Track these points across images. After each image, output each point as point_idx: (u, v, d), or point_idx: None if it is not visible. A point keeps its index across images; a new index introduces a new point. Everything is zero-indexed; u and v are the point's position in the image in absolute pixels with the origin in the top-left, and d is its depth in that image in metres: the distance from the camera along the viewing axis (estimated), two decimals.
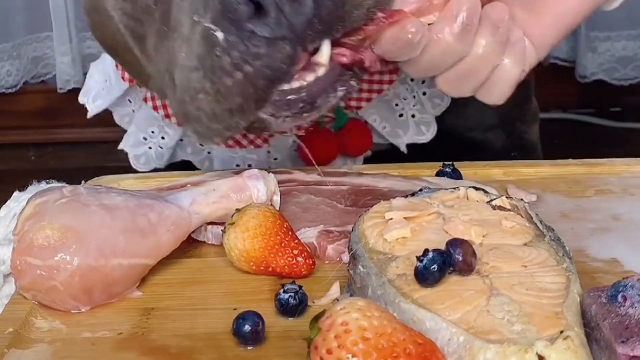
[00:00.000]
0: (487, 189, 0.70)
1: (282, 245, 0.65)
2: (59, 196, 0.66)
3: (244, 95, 0.65)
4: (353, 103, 0.91)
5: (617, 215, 0.74)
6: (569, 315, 0.51)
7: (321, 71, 0.66)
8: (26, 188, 0.78)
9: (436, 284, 0.54)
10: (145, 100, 0.92)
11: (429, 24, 0.66)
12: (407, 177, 0.81)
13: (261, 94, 0.65)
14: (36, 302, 0.64)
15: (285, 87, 0.66)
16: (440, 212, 0.63)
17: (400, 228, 0.60)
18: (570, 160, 0.86)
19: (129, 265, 0.64)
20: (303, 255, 0.66)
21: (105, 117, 1.00)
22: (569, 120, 2.16)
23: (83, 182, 0.82)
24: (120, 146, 0.97)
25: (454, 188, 0.67)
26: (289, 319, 0.61)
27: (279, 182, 0.74)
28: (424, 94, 0.94)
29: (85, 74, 2.19)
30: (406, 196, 0.66)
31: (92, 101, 0.96)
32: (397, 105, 0.94)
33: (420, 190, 0.68)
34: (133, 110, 0.96)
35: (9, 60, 2.20)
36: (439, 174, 0.82)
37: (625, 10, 2.07)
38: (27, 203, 0.67)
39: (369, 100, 0.91)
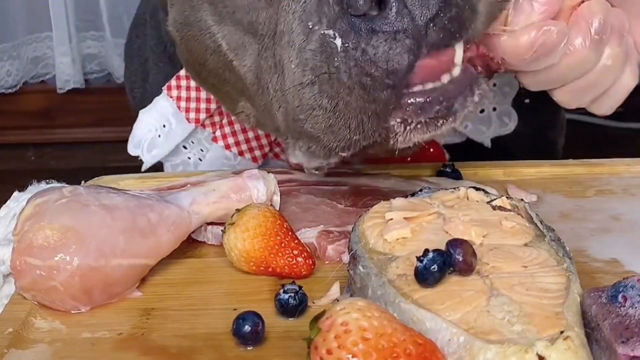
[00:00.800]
0: (487, 189, 0.70)
1: (282, 245, 0.65)
2: (59, 196, 0.66)
3: (365, 109, 0.59)
4: None
5: (618, 215, 0.74)
6: (569, 316, 0.51)
7: (456, 71, 0.61)
8: (26, 188, 0.78)
9: (436, 284, 0.54)
10: (215, 140, 0.88)
11: None
12: (407, 177, 0.81)
13: (386, 102, 0.59)
14: (36, 303, 0.64)
15: (418, 87, 0.60)
16: (441, 213, 0.63)
17: (400, 228, 0.60)
18: (571, 160, 0.86)
19: (129, 265, 0.64)
20: (303, 255, 0.66)
21: (105, 117, 1.00)
22: (569, 120, 2.15)
23: (83, 182, 0.82)
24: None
25: (454, 188, 0.67)
26: (289, 319, 0.61)
27: (279, 182, 0.74)
28: (494, 85, 0.90)
29: (85, 74, 2.20)
30: (406, 196, 0.66)
31: (148, 151, 0.90)
32: None
33: (420, 190, 0.68)
34: (189, 158, 0.91)
35: (9, 60, 2.20)
36: (439, 174, 0.82)
37: None
38: (27, 203, 0.66)
39: None
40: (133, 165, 0.95)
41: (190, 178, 0.81)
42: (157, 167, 0.98)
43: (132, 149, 0.90)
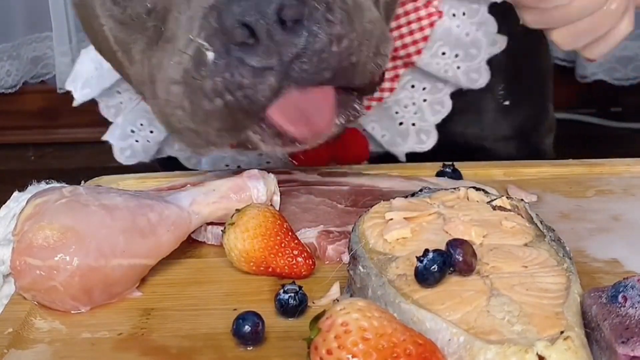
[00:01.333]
0: (487, 189, 0.70)
1: (282, 245, 0.65)
2: (58, 196, 0.66)
3: (221, 121, 0.65)
4: None
5: (618, 215, 0.74)
6: (570, 316, 0.51)
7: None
8: (26, 188, 0.78)
9: (436, 285, 0.54)
10: None
11: None
12: (407, 177, 0.81)
13: (240, 121, 0.65)
14: (36, 303, 0.64)
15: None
16: (441, 213, 0.63)
17: (401, 228, 0.60)
18: (570, 160, 0.86)
19: (129, 265, 0.64)
20: (303, 255, 0.66)
21: (105, 117, 0.99)
22: (569, 120, 2.16)
23: (83, 182, 0.82)
24: (105, 137, 0.95)
25: (454, 188, 0.67)
26: (289, 319, 0.61)
27: (279, 182, 0.74)
28: (424, 100, 0.91)
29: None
30: (406, 196, 0.66)
31: (81, 89, 0.93)
32: (397, 113, 0.91)
33: (421, 190, 0.68)
34: (121, 102, 0.94)
35: (9, 60, 2.20)
36: (439, 174, 0.82)
37: None
38: (27, 203, 0.66)
39: (368, 108, 0.88)
40: (133, 165, 0.95)
41: (190, 178, 0.81)
42: (156, 167, 0.98)
43: (68, 84, 0.94)
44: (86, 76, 0.93)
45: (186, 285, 0.67)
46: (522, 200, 0.66)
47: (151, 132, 0.93)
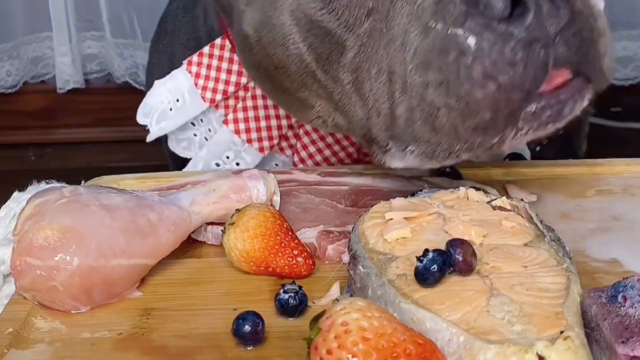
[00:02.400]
0: (487, 189, 0.70)
1: (282, 245, 0.65)
2: (59, 196, 0.66)
3: (496, 110, 0.58)
4: None
5: (617, 215, 0.74)
6: (569, 316, 0.51)
7: (569, 75, 0.61)
8: (26, 188, 0.78)
9: (436, 284, 0.54)
10: (225, 122, 0.87)
11: None
12: (407, 177, 0.81)
13: (515, 107, 0.58)
14: (36, 303, 0.64)
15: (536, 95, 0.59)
16: (441, 213, 0.63)
17: (401, 228, 0.60)
18: (570, 160, 0.86)
19: (129, 265, 0.64)
20: (303, 255, 0.66)
21: (105, 117, 0.99)
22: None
23: (83, 182, 0.82)
24: (186, 170, 0.90)
25: (454, 188, 0.67)
26: (289, 319, 0.61)
27: (279, 182, 0.74)
28: None
29: (85, 74, 2.20)
30: (406, 196, 0.66)
31: (156, 122, 0.89)
32: None
33: (420, 190, 0.68)
34: (195, 135, 0.90)
35: (9, 60, 2.20)
36: (439, 174, 0.81)
37: (625, 10, 2.07)
38: (27, 203, 0.67)
39: None
40: (133, 165, 0.95)
41: (190, 178, 0.81)
42: (157, 167, 0.98)
43: (141, 118, 0.89)
44: (162, 108, 0.89)
45: (186, 285, 0.67)
46: (522, 200, 0.66)
47: (237, 164, 0.88)
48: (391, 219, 0.62)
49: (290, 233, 0.67)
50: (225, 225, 0.67)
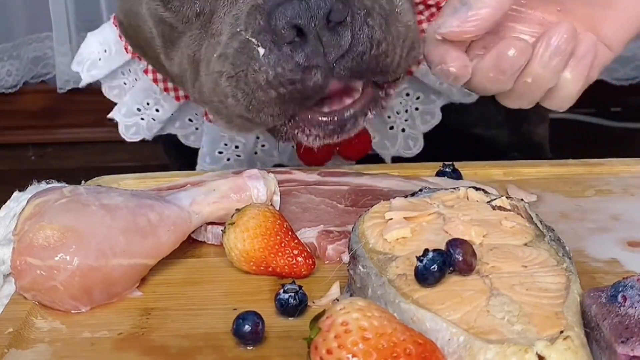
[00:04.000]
0: (487, 189, 0.70)
1: (282, 245, 0.65)
2: (59, 196, 0.66)
3: (273, 111, 0.70)
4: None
5: (617, 215, 0.74)
6: (569, 316, 0.51)
7: (355, 96, 0.72)
8: (26, 188, 0.78)
9: (436, 284, 0.54)
10: (146, 72, 0.94)
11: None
12: (407, 177, 0.81)
13: (290, 113, 0.71)
14: (36, 302, 0.64)
15: (318, 108, 0.72)
16: (441, 212, 0.63)
17: (400, 228, 0.60)
18: (570, 160, 0.86)
19: (129, 265, 0.64)
20: (303, 255, 0.66)
21: (105, 117, 1.00)
22: (569, 120, 2.16)
23: (83, 182, 0.82)
24: (111, 115, 0.98)
25: (454, 188, 0.67)
26: (289, 319, 0.61)
27: (279, 182, 0.74)
28: (417, 109, 0.95)
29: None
30: (406, 196, 0.66)
31: (87, 70, 0.96)
32: (389, 117, 0.96)
33: (420, 190, 0.68)
34: (124, 83, 0.97)
35: (9, 60, 2.20)
36: (439, 174, 0.82)
37: None
38: (27, 203, 0.67)
39: None
40: (133, 165, 0.95)
41: (190, 178, 0.81)
42: (157, 167, 0.98)
43: (75, 65, 0.98)
44: (93, 58, 0.96)
45: (186, 285, 0.67)
46: (522, 200, 0.66)
47: (157, 110, 0.96)
48: (391, 219, 0.62)
49: (290, 233, 0.67)
50: (225, 225, 0.67)
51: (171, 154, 1.13)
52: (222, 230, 0.68)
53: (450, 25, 0.65)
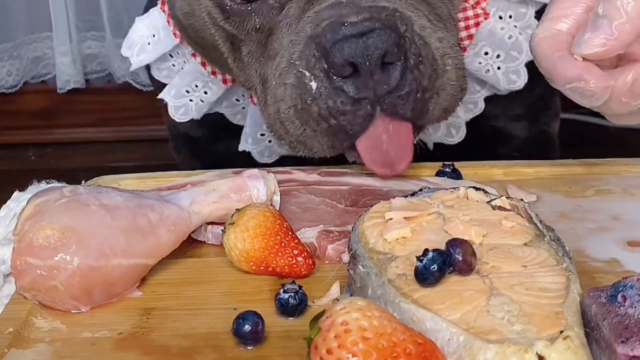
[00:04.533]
0: (487, 189, 0.70)
1: (282, 245, 0.65)
2: (59, 196, 0.66)
3: (327, 141, 0.75)
4: None
5: (617, 215, 0.74)
6: (569, 315, 0.51)
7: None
8: (26, 188, 0.78)
9: (436, 284, 0.54)
10: (194, 55, 0.96)
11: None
12: (407, 177, 0.81)
13: (340, 141, 0.75)
14: (36, 302, 0.64)
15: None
16: (440, 212, 0.63)
17: (400, 228, 0.60)
18: (570, 160, 0.86)
19: (129, 265, 0.64)
20: (303, 255, 0.66)
21: (105, 117, 1.00)
22: (569, 120, 2.15)
23: (83, 182, 0.82)
24: (161, 96, 0.99)
25: (454, 188, 0.67)
26: (289, 319, 0.61)
27: (279, 182, 0.74)
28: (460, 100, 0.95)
29: (85, 74, 2.20)
30: (406, 196, 0.66)
31: (137, 55, 0.98)
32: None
33: (420, 190, 0.68)
34: (173, 65, 0.99)
35: (9, 60, 2.20)
36: (439, 174, 0.82)
37: None
38: (27, 203, 0.67)
39: None
40: (133, 165, 0.96)
41: (190, 178, 0.81)
42: (157, 167, 0.98)
43: (124, 50, 0.99)
44: (142, 42, 0.97)
45: (186, 285, 0.67)
46: (521, 200, 0.66)
47: (205, 93, 0.98)
48: (391, 218, 0.62)
49: (290, 233, 0.67)
50: (225, 225, 0.67)
51: (181, 152, 1.14)
52: (222, 230, 0.68)
53: (594, 45, 0.60)
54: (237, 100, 1.01)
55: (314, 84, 0.73)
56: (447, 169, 0.81)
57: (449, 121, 0.96)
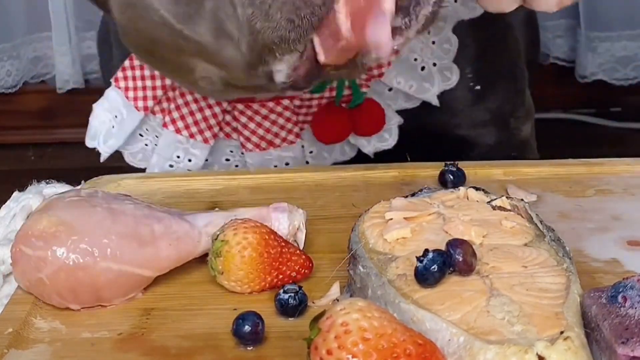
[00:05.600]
0: (487, 189, 0.70)
1: (276, 260, 0.63)
2: (73, 195, 0.66)
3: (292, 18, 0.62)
4: (375, 71, 0.89)
5: (617, 215, 0.74)
6: (569, 316, 0.51)
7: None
8: (26, 188, 0.78)
9: (436, 285, 0.54)
10: (165, 125, 0.91)
11: None
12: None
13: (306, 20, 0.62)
14: (31, 293, 0.63)
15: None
16: (440, 212, 0.63)
17: (400, 228, 0.60)
18: (570, 160, 0.85)
19: (119, 271, 0.62)
20: (302, 256, 0.66)
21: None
22: (569, 120, 2.15)
23: (83, 182, 0.82)
24: None
25: (454, 188, 0.67)
26: (289, 319, 0.61)
27: None
28: (433, 42, 0.91)
29: (85, 74, 2.20)
30: (406, 196, 0.66)
31: (104, 142, 0.92)
32: (415, 60, 0.91)
33: (420, 190, 0.68)
34: (146, 145, 0.93)
35: (9, 60, 2.20)
36: (443, 173, 0.81)
37: (625, 10, 2.07)
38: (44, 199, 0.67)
39: (389, 64, 0.89)
40: (132, 166, 0.95)
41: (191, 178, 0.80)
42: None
43: (88, 142, 0.92)
44: (106, 128, 0.92)
45: (186, 285, 0.66)
46: (522, 200, 0.66)
47: (189, 160, 0.92)
48: (391, 219, 0.62)
49: (281, 242, 0.64)
50: (209, 257, 0.64)
51: None
52: (210, 265, 0.64)
53: None
54: (227, 160, 0.94)
55: None
56: (450, 168, 0.81)
57: (439, 65, 0.92)
